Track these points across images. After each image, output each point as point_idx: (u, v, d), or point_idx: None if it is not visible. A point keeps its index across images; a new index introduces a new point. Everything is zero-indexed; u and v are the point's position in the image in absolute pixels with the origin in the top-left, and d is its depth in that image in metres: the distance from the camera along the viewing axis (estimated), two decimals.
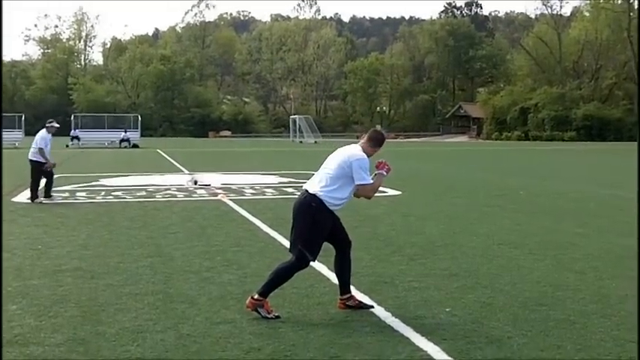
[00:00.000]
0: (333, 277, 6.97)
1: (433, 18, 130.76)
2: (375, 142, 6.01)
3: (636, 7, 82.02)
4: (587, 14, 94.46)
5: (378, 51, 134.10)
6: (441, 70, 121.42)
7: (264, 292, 5.74)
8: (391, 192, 15.90)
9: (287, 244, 8.94)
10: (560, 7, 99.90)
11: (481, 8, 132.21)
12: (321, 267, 7.19)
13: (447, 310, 5.88)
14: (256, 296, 5.71)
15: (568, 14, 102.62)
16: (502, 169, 28.11)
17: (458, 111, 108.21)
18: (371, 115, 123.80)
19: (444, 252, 8.67)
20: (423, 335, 5.16)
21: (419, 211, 13.05)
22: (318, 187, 5.82)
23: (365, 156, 5.86)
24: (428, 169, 28.97)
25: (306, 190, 5.89)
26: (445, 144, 76.26)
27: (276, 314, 5.65)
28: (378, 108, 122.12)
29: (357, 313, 5.80)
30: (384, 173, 6.00)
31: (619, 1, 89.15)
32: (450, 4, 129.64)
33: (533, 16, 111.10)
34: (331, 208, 5.84)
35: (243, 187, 18.05)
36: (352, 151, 5.92)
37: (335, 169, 5.84)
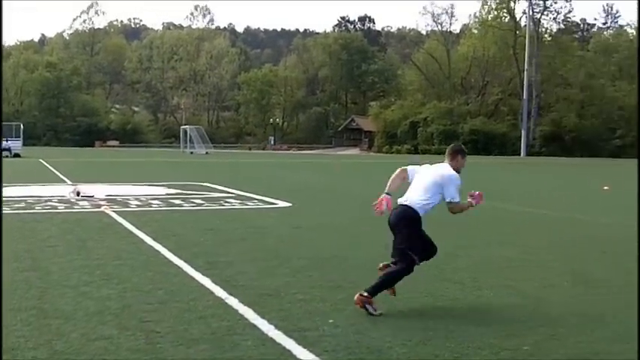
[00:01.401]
0: (217, 291, 6.85)
1: (327, 31, 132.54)
2: (459, 154, 6.67)
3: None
4: (475, 32, 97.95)
5: (272, 62, 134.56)
6: (334, 83, 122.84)
7: (373, 292, 6.18)
8: (281, 204, 15.79)
9: (171, 256, 8.88)
10: (450, 24, 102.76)
11: (374, 23, 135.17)
12: (204, 280, 7.03)
13: (331, 321, 5.86)
14: (365, 294, 6.11)
15: (457, 31, 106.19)
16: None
17: (350, 124, 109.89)
18: (264, 126, 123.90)
19: (331, 264, 8.67)
20: (305, 347, 5.12)
21: (308, 223, 13.05)
22: (417, 200, 6.46)
23: (457, 175, 6.54)
24: (319, 181, 29.17)
25: (405, 204, 6.50)
26: (337, 156, 77.15)
27: (381, 312, 6.05)
28: (272, 120, 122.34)
29: (240, 326, 5.69)
30: (473, 203, 6.61)
31: (506, 20, 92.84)
32: (343, 18, 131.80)
33: (424, 32, 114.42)
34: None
35: (129, 199, 17.56)
36: (445, 169, 6.56)
37: (429, 184, 6.47)
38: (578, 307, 6.63)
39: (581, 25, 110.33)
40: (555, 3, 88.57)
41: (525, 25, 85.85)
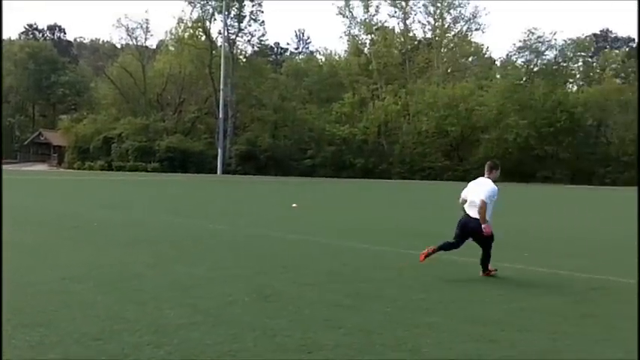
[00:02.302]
0: None
1: (12, 38, 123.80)
2: (494, 169, 10.44)
3: None
4: (172, 48, 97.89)
5: None
6: (20, 94, 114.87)
7: (485, 266, 10.09)
8: None
9: None
10: (146, 39, 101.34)
11: (65, 33, 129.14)
12: None
13: None
14: (483, 272, 10.08)
15: (154, 47, 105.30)
16: (79, 200, 27.37)
17: (38, 138, 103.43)
18: None
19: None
20: None
21: None
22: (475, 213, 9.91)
23: (493, 185, 10.05)
24: None
25: (470, 215, 10.07)
26: (22, 172, 72.10)
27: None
28: None
29: None
30: (485, 227, 9.84)
31: (202, 39, 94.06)
32: (31, 25, 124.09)
33: (118, 45, 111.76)
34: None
35: None
36: (486, 182, 10.18)
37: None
38: (256, 322, 6.75)
39: (275, 49, 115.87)
40: (250, 26, 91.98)
41: (221, 45, 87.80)
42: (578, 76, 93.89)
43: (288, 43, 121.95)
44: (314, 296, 8.22)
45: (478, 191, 9.97)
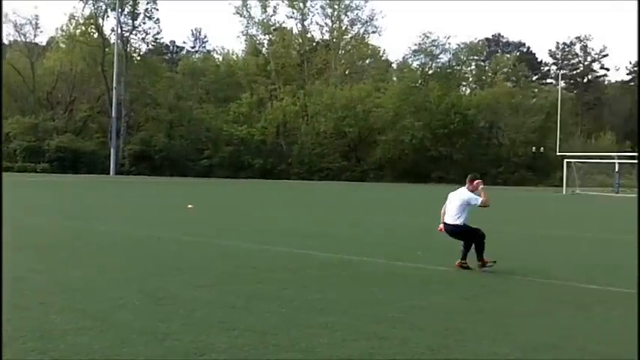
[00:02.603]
0: None
1: None
2: (474, 180, 11.45)
3: None
4: (63, 46, 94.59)
5: None
6: None
7: (480, 257, 10.94)
8: None
9: None
10: (35, 35, 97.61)
11: None
12: None
13: None
14: (478, 263, 10.93)
15: (44, 44, 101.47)
16: None
17: None
18: None
19: None
20: None
21: None
22: (452, 220, 11.20)
23: (470, 193, 11.28)
24: None
25: (447, 222, 11.28)
26: None
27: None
28: None
29: None
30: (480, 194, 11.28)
31: (95, 36, 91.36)
32: None
33: (6, 41, 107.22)
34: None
35: None
36: (464, 192, 11.33)
37: (456, 206, 11.21)
38: (147, 325, 6.59)
39: (171, 47, 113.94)
40: (144, 23, 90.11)
41: (114, 43, 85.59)
42: (471, 79, 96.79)
43: (184, 42, 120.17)
44: (208, 298, 8.09)
45: (456, 199, 11.34)
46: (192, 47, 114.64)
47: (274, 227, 18.22)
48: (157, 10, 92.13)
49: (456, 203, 11.26)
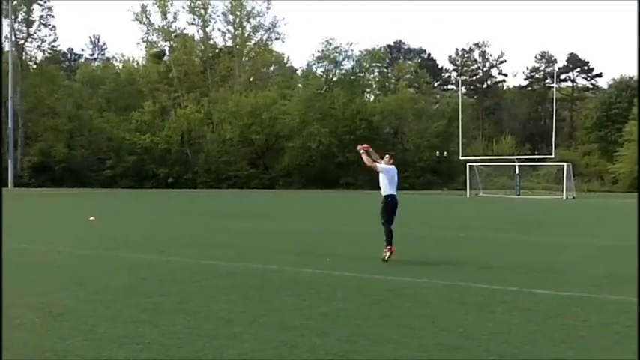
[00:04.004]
0: None
1: None
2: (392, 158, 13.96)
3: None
4: None
5: None
6: None
7: (388, 242, 12.83)
8: None
9: None
10: None
11: None
12: None
13: None
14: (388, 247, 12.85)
15: None
16: None
17: None
18: None
19: None
20: None
21: None
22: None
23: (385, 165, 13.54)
24: None
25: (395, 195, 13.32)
26: None
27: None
28: None
29: None
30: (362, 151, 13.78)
31: None
32: None
33: None
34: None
35: None
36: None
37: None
38: (46, 343, 6.35)
39: (69, 55, 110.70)
40: (40, 31, 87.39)
41: (8, 51, 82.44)
42: (374, 85, 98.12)
43: (82, 49, 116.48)
44: (110, 313, 7.87)
45: (395, 173, 13.56)
46: (91, 55, 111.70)
47: (179, 238, 17.91)
48: (53, 17, 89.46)
49: (396, 178, 13.37)
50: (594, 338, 6.92)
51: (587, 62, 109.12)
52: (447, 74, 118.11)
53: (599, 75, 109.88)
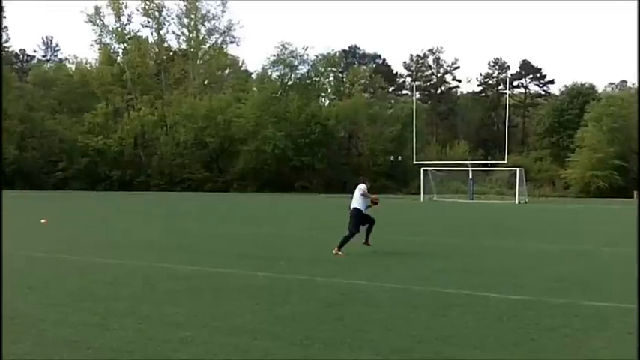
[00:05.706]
0: None
1: None
2: (365, 181, 15.73)
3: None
4: None
5: None
6: None
7: (341, 246, 14.47)
8: None
9: None
10: None
11: None
12: None
13: None
14: (336, 249, 14.43)
15: None
16: None
17: None
18: None
19: None
20: None
21: None
22: (357, 204, 15.01)
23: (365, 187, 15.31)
24: None
25: (353, 207, 15.04)
26: None
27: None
28: None
29: None
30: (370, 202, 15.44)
31: None
32: None
33: None
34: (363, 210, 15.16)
35: None
36: (362, 186, 15.25)
37: (358, 196, 15.17)
38: None
39: (21, 56, 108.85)
40: None
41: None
42: (329, 90, 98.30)
43: (35, 51, 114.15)
44: (61, 316, 7.76)
45: (357, 190, 15.29)
46: (44, 56, 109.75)
47: (132, 240, 17.71)
48: (5, 17, 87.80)
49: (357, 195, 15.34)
50: (545, 341, 7.02)
51: (540, 69, 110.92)
52: (402, 79, 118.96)
53: (552, 82, 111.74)
